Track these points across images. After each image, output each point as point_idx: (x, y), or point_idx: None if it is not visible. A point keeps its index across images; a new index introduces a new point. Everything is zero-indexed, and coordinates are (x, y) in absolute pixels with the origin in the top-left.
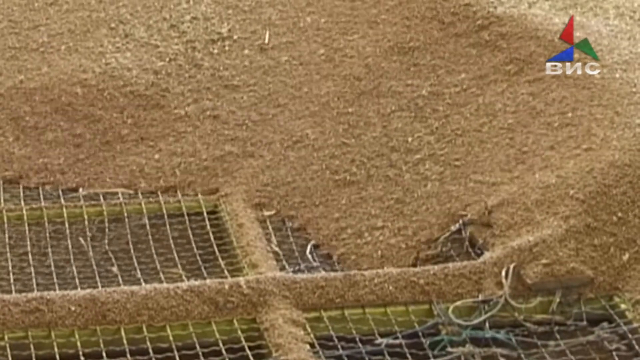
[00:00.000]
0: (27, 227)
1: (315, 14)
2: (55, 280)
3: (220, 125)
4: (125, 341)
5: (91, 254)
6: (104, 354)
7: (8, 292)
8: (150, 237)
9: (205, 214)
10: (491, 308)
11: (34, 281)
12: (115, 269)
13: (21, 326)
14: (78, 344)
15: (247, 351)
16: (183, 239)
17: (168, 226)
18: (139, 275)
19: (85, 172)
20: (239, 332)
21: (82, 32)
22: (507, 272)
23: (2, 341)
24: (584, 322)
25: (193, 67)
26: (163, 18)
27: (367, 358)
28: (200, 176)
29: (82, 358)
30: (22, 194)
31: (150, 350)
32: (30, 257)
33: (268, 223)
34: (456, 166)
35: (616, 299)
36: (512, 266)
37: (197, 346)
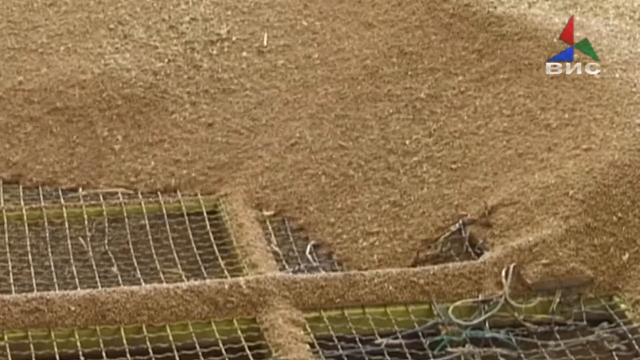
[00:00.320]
0: (27, 227)
1: (313, 17)
2: (55, 280)
3: (219, 127)
4: (125, 341)
5: (91, 254)
6: (104, 354)
7: (8, 292)
8: (150, 237)
9: (205, 214)
10: (491, 308)
11: (34, 281)
12: (115, 269)
13: (21, 326)
14: (78, 344)
15: (247, 351)
16: (183, 239)
17: (168, 226)
18: (139, 275)
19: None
20: (239, 332)
21: (81, 33)
22: (507, 272)
23: (2, 341)
24: (584, 322)
25: (192, 69)
26: (162, 19)
27: (367, 358)
28: (199, 177)
29: (82, 358)
30: (22, 194)
31: (150, 350)
32: (30, 257)
33: (268, 223)
34: (452, 169)
35: (616, 299)
36: (512, 266)
37: (197, 346)
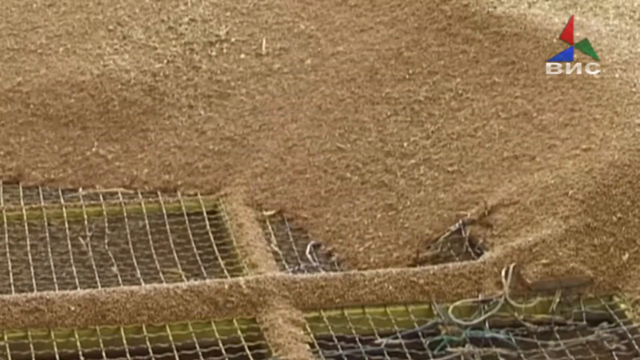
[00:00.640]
0: (27, 227)
1: (311, 19)
2: (54, 280)
3: (218, 128)
4: (125, 341)
5: (91, 254)
6: (104, 354)
7: (8, 292)
8: (150, 237)
9: (205, 214)
10: (491, 308)
11: (34, 281)
12: (114, 269)
13: (21, 326)
14: (78, 344)
15: (247, 351)
16: (183, 239)
17: (168, 226)
18: (139, 275)
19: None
20: (239, 332)
21: (80, 34)
22: (507, 272)
23: (2, 341)
24: (584, 322)
25: (191, 70)
26: (161, 20)
27: (367, 358)
28: (199, 177)
29: (82, 358)
30: (22, 194)
31: (150, 350)
32: (30, 257)
33: (268, 223)
34: (450, 172)
35: (616, 299)
36: (512, 266)
37: (197, 346)
